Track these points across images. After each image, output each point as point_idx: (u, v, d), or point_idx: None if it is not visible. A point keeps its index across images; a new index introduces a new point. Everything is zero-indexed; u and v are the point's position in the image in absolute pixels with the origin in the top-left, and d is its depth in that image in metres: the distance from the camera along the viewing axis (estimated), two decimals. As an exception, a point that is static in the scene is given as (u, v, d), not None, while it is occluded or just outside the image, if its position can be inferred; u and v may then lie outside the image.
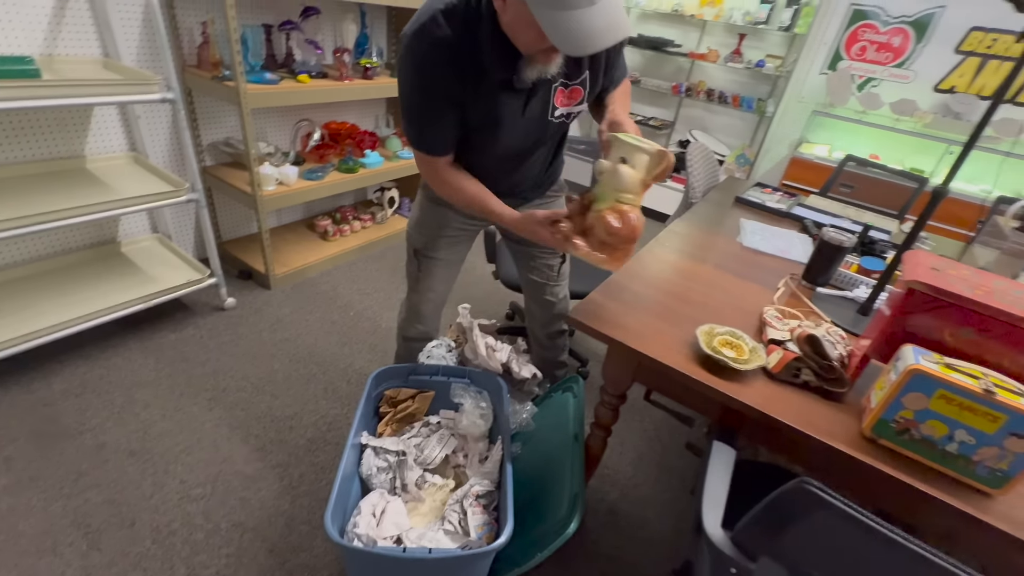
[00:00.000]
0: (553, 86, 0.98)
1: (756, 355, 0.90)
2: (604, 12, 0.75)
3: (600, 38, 0.76)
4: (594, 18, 0.75)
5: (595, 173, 0.89)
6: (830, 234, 1.19)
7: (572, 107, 1.04)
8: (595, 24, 0.75)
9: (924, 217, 1.01)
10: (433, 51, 0.87)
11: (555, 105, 1.01)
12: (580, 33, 0.75)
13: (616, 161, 0.83)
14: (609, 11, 0.76)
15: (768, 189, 1.96)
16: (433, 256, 1.29)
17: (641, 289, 1.09)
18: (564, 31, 0.76)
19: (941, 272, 0.80)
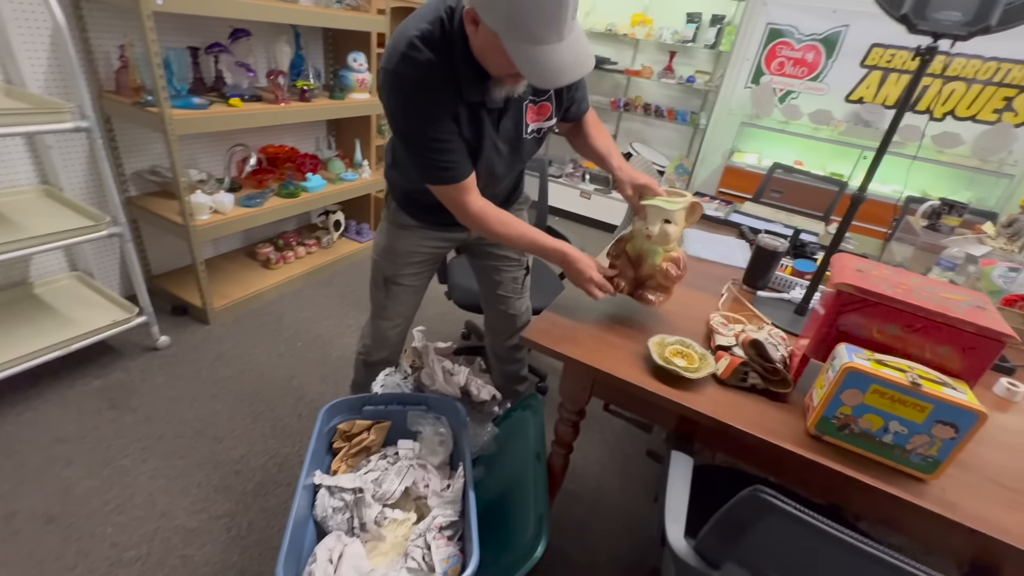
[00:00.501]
0: (523, 104, 1.01)
1: (706, 362, 0.92)
2: (572, 47, 0.79)
3: (568, 72, 0.80)
4: (563, 54, 0.78)
5: (635, 232, 1.02)
6: (765, 240, 1.26)
7: (543, 123, 1.08)
8: (564, 59, 0.79)
9: (846, 221, 1.08)
10: (423, 76, 0.87)
11: (527, 122, 1.03)
12: (550, 67, 0.79)
13: (660, 223, 0.96)
14: (576, 47, 0.80)
15: (706, 198, 2.05)
16: (402, 283, 1.27)
17: (592, 303, 1.11)
18: (535, 65, 0.78)
19: (865, 273, 0.86)
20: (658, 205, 0.97)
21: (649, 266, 1.02)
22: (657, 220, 0.98)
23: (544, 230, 1.85)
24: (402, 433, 1.26)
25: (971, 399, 0.71)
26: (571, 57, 0.79)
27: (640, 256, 1.03)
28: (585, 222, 3.62)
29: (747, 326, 1.06)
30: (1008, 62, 2.57)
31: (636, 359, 0.94)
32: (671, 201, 0.98)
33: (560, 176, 3.64)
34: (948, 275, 1.44)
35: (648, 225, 0.98)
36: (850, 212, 1.07)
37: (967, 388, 0.75)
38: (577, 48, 0.80)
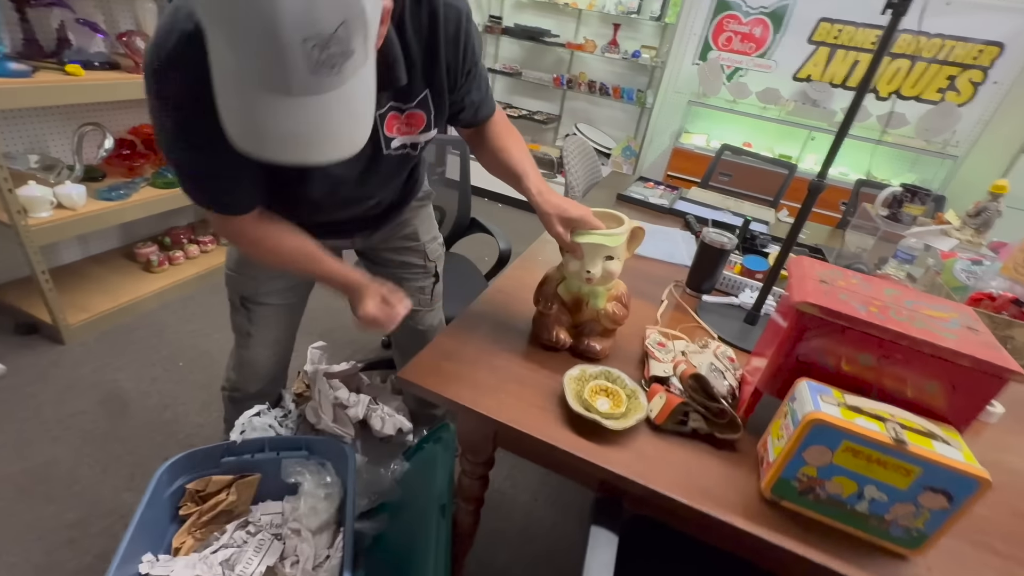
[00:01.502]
0: (380, 112, 0.72)
1: (635, 403, 0.72)
2: (313, 113, 0.49)
3: (289, 147, 0.51)
4: (288, 117, 0.48)
5: (569, 274, 0.81)
6: (711, 236, 1.07)
7: (416, 136, 0.79)
8: (285, 125, 0.49)
9: (803, 214, 0.90)
10: (191, 79, 0.54)
11: (388, 135, 0.75)
12: (256, 128, 0.49)
13: (601, 261, 0.77)
14: (323, 115, 0.50)
15: (650, 183, 1.86)
16: (266, 302, 0.98)
17: (499, 323, 0.88)
18: (231, 112, 0.50)
19: (830, 286, 0.67)
20: (598, 242, 0.76)
21: (591, 311, 0.82)
22: (597, 258, 0.77)
23: (467, 221, 1.61)
24: (277, 487, 1.01)
25: (969, 460, 0.54)
26: (304, 126, 0.50)
27: (578, 300, 0.82)
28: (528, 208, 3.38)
29: (689, 345, 0.86)
30: (952, 39, 2.50)
31: (549, 400, 0.73)
32: (612, 234, 0.77)
33: (502, 159, 3.38)
34: (905, 268, 1.31)
35: (587, 266, 0.77)
36: (808, 202, 0.89)
37: (959, 438, 0.57)
38: (322, 117, 0.50)
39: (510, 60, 3.40)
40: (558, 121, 3.41)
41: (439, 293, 1.17)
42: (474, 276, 1.56)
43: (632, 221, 0.80)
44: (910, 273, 1.31)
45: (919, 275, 1.28)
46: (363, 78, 0.52)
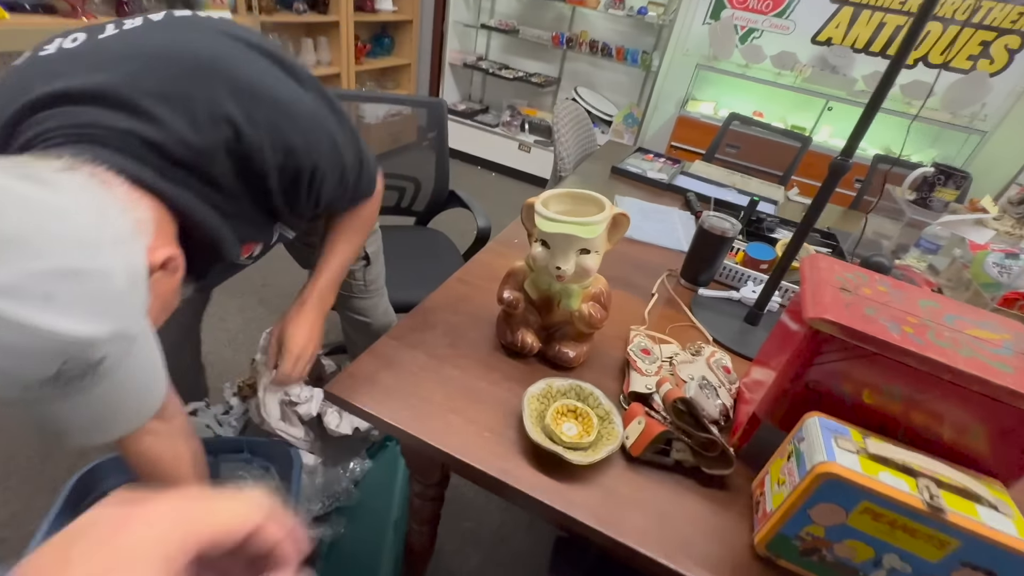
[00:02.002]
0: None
1: (609, 428, 0.60)
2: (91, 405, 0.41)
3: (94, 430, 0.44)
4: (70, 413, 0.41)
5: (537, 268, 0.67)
6: (711, 221, 0.93)
7: (265, 245, 0.71)
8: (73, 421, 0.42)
9: (821, 199, 0.76)
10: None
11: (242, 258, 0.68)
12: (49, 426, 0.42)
13: (575, 255, 0.63)
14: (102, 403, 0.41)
15: (650, 155, 1.70)
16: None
17: (459, 321, 0.75)
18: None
19: (853, 295, 0.54)
20: (570, 233, 0.61)
21: (563, 312, 0.69)
22: (570, 251, 0.62)
23: (445, 193, 1.46)
24: (217, 491, 0.91)
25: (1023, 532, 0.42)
26: (88, 416, 0.42)
27: (548, 299, 0.69)
28: (524, 178, 3.22)
29: (679, 352, 0.74)
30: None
31: (507, 421, 0.61)
32: (588, 223, 0.62)
33: (496, 125, 3.18)
34: (928, 259, 1.17)
35: (557, 260, 0.62)
36: (829, 184, 0.75)
37: (1008, 500, 0.45)
38: (103, 405, 0.42)
39: (506, 16, 3.15)
40: (557, 84, 3.18)
41: (376, 278, 1.03)
42: (451, 255, 1.42)
43: (613, 206, 0.66)
44: (932, 264, 1.17)
45: (943, 267, 1.15)
46: (136, 355, 0.42)
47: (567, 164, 1.51)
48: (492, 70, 3.10)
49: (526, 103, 3.30)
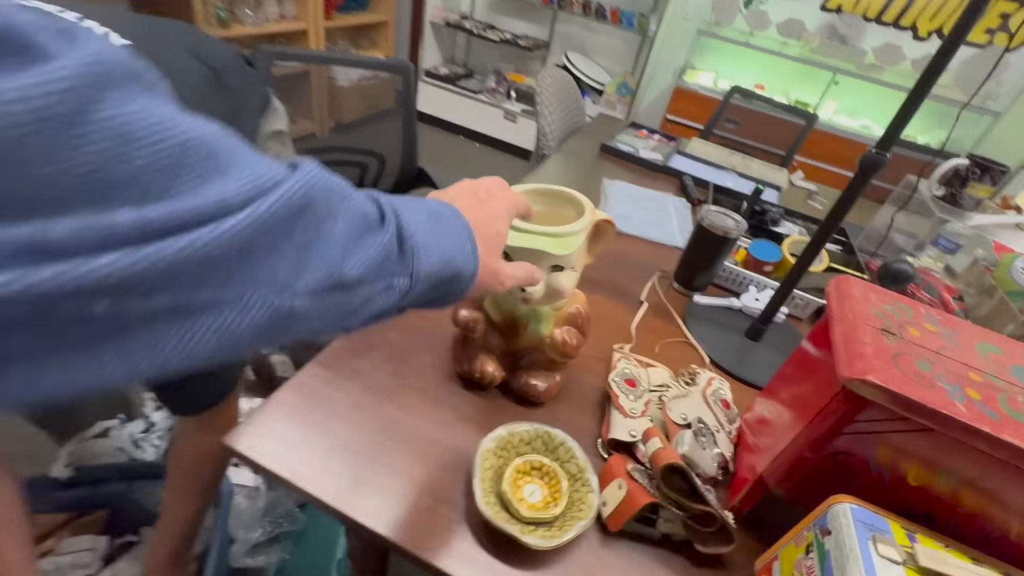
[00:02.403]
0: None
1: (581, 494, 0.48)
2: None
3: None
4: None
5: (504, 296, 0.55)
6: (712, 218, 0.79)
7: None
8: None
9: (846, 201, 0.63)
10: None
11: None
12: None
13: (546, 272, 0.49)
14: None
15: (643, 132, 1.55)
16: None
17: (408, 343, 0.62)
18: None
19: (899, 342, 0.42)
20: (538, 248, 0.47)
21: (531, 337, 0.56)
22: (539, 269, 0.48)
23: (413, 171, 1.31)
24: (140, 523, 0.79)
25: None
26: None
27: (513, 322, 0.56)
28: (510, 150, 3.04)
29: (670, 382, 0.62)
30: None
31: (455, 483, 0.49)
32: (561, 233, 0.48)
33: (480, 91, 2.97)
34: (946, 259, 1.06)
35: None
36: (858, 184, 0.61)
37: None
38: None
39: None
40: (546, 48, 2.96)
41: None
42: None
43: (597, 211, 0.52)
44: (950, 265, 1.06)
45: (961, 268, 1.04)
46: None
47: (550, 140, 1.35)
48: (477, 30, 2.86)
49: (513, 68, 3.08)
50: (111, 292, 0.15)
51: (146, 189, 0.16)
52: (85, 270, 0.15)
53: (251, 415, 0.50)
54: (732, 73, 2.70)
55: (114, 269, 0.15)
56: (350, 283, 0.24)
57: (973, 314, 0.93)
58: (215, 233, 0.17)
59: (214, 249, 0.17)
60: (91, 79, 0.15)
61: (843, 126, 2.43)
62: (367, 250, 0.24)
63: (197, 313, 0.18)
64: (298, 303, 0.21)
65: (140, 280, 0.16)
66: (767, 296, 0.82)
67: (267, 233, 0.19)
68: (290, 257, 0.21)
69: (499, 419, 0.56)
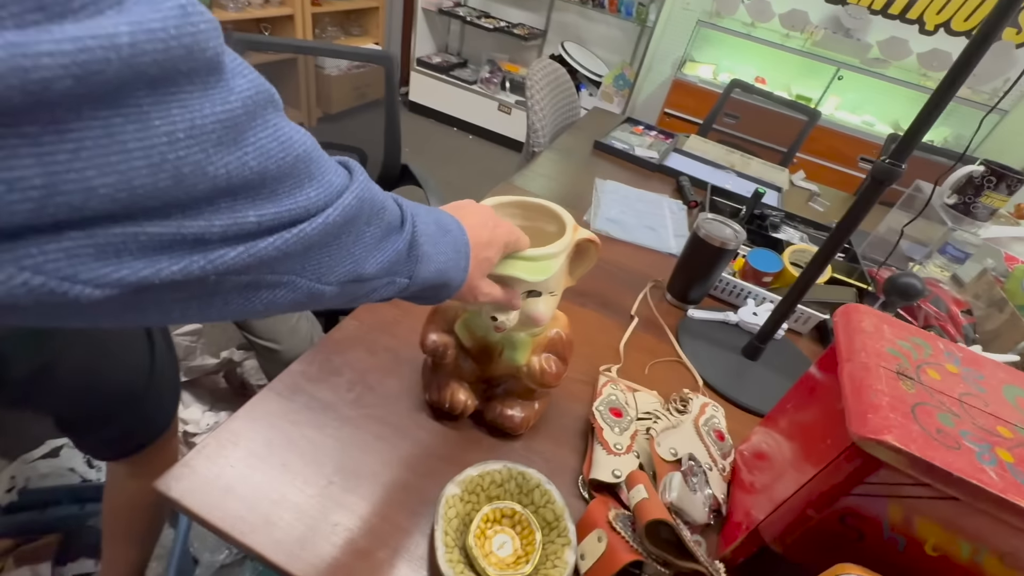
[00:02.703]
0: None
1: (556, 547, 0.43)
2: None
3: None
4: None
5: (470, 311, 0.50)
6: (708, 227, 0.74)
7: None
8: None
9: (852, 220, 0.57)
10: None
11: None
12: None
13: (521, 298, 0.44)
14: None
15: (639, 128, 1.48)
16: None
17: (377, 365, 0.57)
18: None
19: (918, 388, 0.36)
20: (511, 275, 0.42)
21: (507, 365, 0.51)
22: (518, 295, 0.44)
23: (397, 169, 1.24)
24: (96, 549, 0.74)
25: None
26: None
27: (486, 348, 0.51)
28: (504, 143, 2.96)
29: (659, 417, 0.57)
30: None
31: (417, 534, 0.44)
32: (535, 259, 0.42)
33: (474, 82, 2.89)
34: (954, 268, 1.01)
35: (492, 309, 0.44)
36: (868, 197, 0.56)
37: None
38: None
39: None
40: (543, 37, 2.88)
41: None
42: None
43: (580, 228, 0.46)
44: (957, 275, 1.01)
45: (969, 279, 0.99)
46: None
47: (541, 136, 1.29)
48: (471, 18, 2.77)
49: (507, 58, 3.00)
50: (227, 272, 0.20)
51: (264, 192, 0.20)
52: (229, 257, 0.19)
53: (190, 455, 0.44)
54: (733, 66, 2.63)
55: (241, 258, 0.20)
56: (366, 277, 0.28)
57: (981, 328, 0.88)
58: (300, 234, 0.21)
59: (293, 246, 0.21)
60: (252, 106, 0.19)
61: (846, 122, 2.37)
62: (385, 251, 0.29)
63: (261, 288, 0.22)
64: (327, 289, 0.26)
65: (247, 266, 0.20)
66: (766, 310, 0.77)
67: (327, 235, 0.23)
68: (335, 254, 0.25)
69: (471, 454, 0.51)
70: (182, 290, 0.19)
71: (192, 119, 0.16)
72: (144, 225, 0.16)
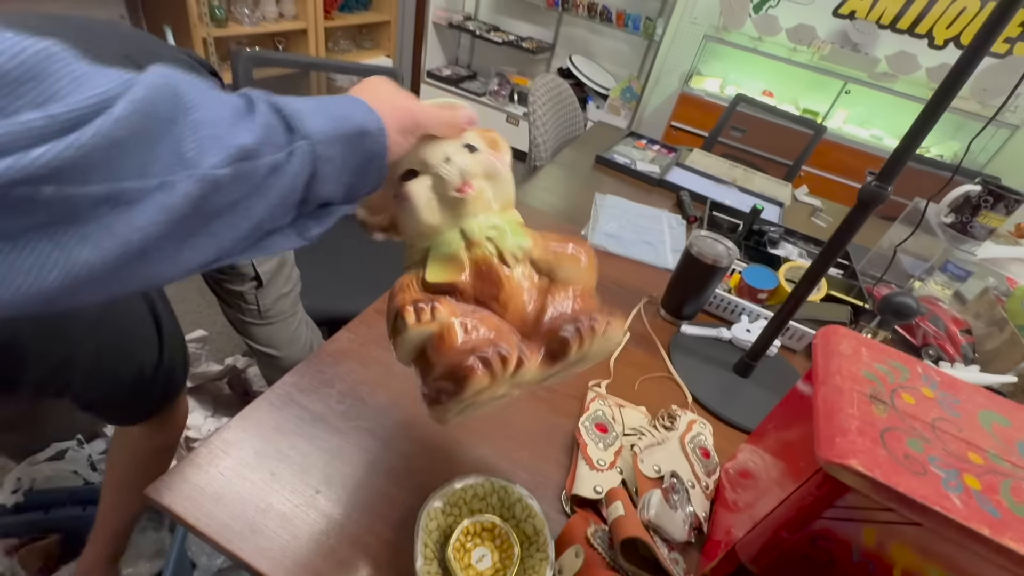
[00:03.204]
0: None
1: (534, 562, 0.44)
2: None
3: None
4: None
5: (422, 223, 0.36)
6: (701, 244, 0.75)
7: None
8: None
9: (840, 241, 0.58)
10: None
11: None
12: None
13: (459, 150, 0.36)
14: None
15: (642, 142, 1.50)
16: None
17: (369, 378, 0.58)
18: None
19: (890, 412, 0.37)
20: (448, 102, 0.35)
21: (520, 275, 0.36)
22: (451, 147, 0.36)
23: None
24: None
25: None
26: None
27: (483, 262, 0.35)
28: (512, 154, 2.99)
29: (643, 434, 0.57)
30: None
31: (398, 550, 0.45)
32: (449, 103, 0.36)
33: (483, 94, 2.93)
34: (956, 285, 1.00)
35: (430, 163, 0.35)
36: (856, 217, 0.57)
37: None
38: None
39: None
40: (551, 51, 2.91)
41: (272, 303, 0.84)
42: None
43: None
44: (960, 292, 1.00)
45: (972, 296, 0.98)
46: None
47: (543, 151, 1.31)
48: (480, 32, 2.82)
49: (516, 71, 3.03)
50: (52, 178, 0.18)
51: (35, 97, 0.18)
52: (26, 161, 0.17)
53: (182, 464, 0.46)
54: (740, 79, 2.64)
55: (48, 158, 0.17)
56: (251, 151, 0.24)
57: (981, 347, 0.87)
58: (110, 119, 0.19)
59: (116, 132, 0.19)
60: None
61: (853, 136, 2.36)
62: (252, 125, 0.25)
63: (134, 200, 0.20)
64: (218, 173, 0.23)
65: (71, 166, 0.18)
66: (759, 327, 0.77)
67: (153, 115, 0.20)
68: (187, 139, 0.22)
69: (456, 467, 0.52)
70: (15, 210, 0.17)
71: None
72: None
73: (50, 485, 0.73)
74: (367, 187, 0.32)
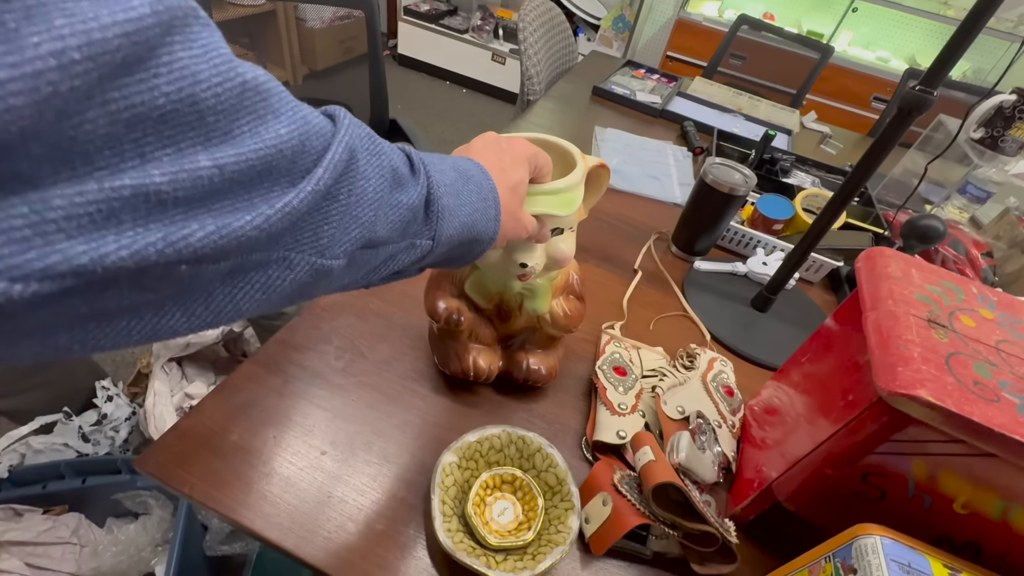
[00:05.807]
0: None
1: (559, 511, 0.41)
2: None
3: None
4: None
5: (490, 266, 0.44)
6: (716, 172, 0.69)
7: None
8: None
9: (881, 148, 0.52)
10: None
11: None
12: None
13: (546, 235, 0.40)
14: None
15: (640, 71, 1.40)
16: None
17: (369, 330, 0.54)
18: None
19: (951, 337, 0.33)
20: (541, 211, 0.37)
21: (527, 318, 0.48)
22: (523, 249, 0.41)
23: (385, 124, 1.18)
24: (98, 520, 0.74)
25: None
26: None
27: (506, 303, 0.48)
28: (499, 95, 2.84)
29: (665, 375, 0.54)
30: None
31: (412, 508, 0.42)
32: (561, 191, 0.38)
33: (465, 31, 2.73)
34: (974, 209, 0.96)
35: (520, 255, 0.40)
36: (896, 126, 0.51)
37: None
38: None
39: None
40: (537, -22, 2.69)
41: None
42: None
43: (587, 157, 0.43)
44: (976, 216, 0.96)
45: (988, 220, 0.94)
46: None
47: (537, 84, 1.21)
48: (459, -41, 2.59)
49: (499, 3, 2.82)
50: (198, 260, 0.16)
51: (205, 127, 0.15)
52: (196, 237, 0.15)
53: (167, 432, 0.42)
54: (739, 2, 2.47)
55: (211, 238, 0.16)
56: (379, 242, 0.24)
57: (1001, 271, 0.84)
58: (286, 208, 0.18)
59: (276, 223, 0.18)
60: (167, 16, 0.14)
61: (859, 59, 2.24)
62: (398, 208, 0.24)
63: (248, 271, 0.18)
64: (334, 264, 0.22)
65: (219, 247, 0.16)
66: (776, 259, 0.73)
67: (318, 203, 0.19)
68: (333, 216, 0.21)
69: (469, 420, 0.49)
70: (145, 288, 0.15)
71: (87, 30, 0.12)
72: (49, 188, 0.12)
73: (40, 460, 0.70)
74: (443, 266, 0.32)
